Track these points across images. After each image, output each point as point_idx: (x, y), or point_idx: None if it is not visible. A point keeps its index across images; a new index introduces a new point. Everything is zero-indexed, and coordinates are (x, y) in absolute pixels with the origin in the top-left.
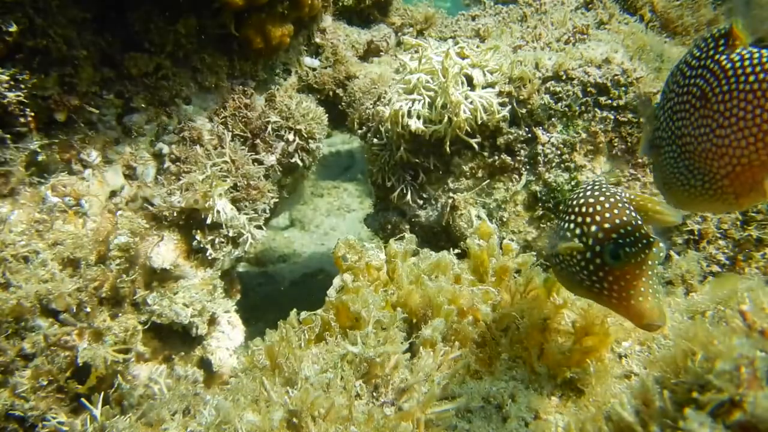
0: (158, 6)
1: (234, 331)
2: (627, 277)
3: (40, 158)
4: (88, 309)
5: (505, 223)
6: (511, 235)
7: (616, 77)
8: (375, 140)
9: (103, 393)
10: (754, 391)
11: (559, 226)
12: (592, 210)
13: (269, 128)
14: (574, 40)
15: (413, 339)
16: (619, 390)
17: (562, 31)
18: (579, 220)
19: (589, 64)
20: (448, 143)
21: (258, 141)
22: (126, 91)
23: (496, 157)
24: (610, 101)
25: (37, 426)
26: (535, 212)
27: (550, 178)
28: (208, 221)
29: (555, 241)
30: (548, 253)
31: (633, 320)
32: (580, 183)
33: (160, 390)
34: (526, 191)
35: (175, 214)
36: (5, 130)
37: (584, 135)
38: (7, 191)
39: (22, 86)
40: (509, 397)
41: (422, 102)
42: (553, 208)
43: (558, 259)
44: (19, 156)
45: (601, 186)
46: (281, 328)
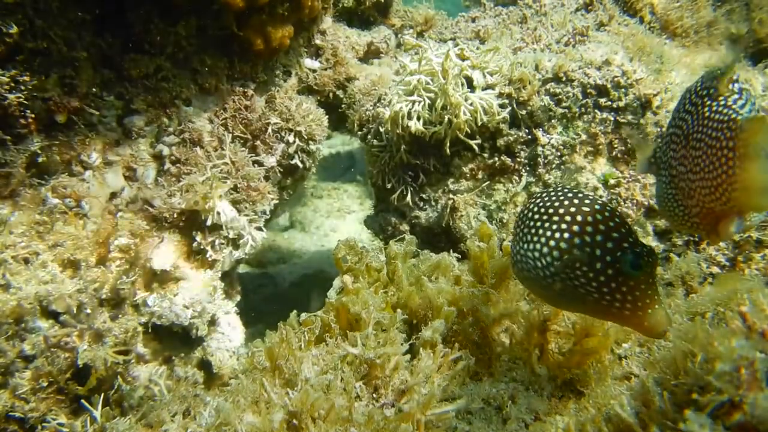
0: (158, 7)
1: (234, 333)
2: (642, 287)
3: (40, 160)
4: (89, 310)
5: (506, 225)
6: (512, 236)
7: (616, 79)
8: (375, 141)
9: (103, 394)
10: (753, 393)
11: (531, 240)
12: (591, 219)
13: (269, 130)
14: (574, 42)
15: (413, 340)
16: (619, 391)
17: (562, 33)
18: (575, 229)
19: (589, 66)
20: (448, 144)
21: (258, 142)
22: (126, 92)
23: (496, 159)
24: (610, 103)
25: (37, 427)
26: None
27: (550, 180)
28: (209, 223)
29: (522, 262)
30: (534, 273)
31: (646, 331)
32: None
33: (160, 391)
34: (526, 193)
35: (176, 215)
36: (6, 132)
37: (584, 136)
38: (7, 193)
39: (22, 88)
40: (509, 398)
41: (422, 103)
42: None
43: (557, 275)
44: (19, 157)
45: (578, 192)
46: (281, 330)
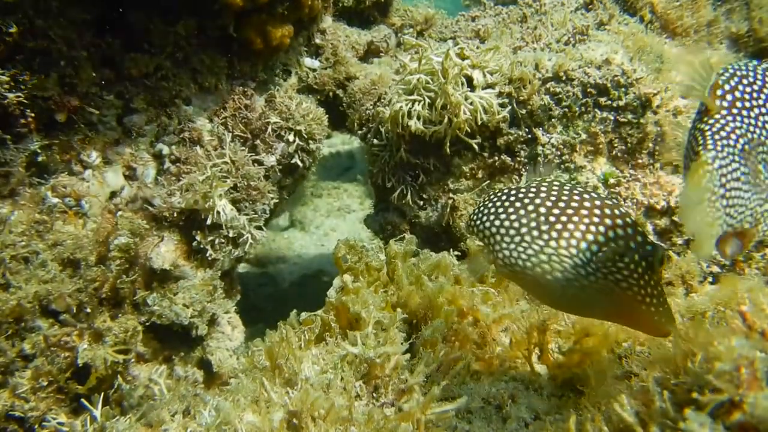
0: (158, 7)
1: (234, 332)
2: (661, 282)
3: (40, 159)
4: (88, 310)
5: None
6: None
7: (616, 78)
8: (375, 141)
9: (103, 393)
10: (754, 392)
11: (556, 238)
12: (618, 212)
13: (269, 129)
14: (574, 41)
15: (413, 339)
16: (619, 391)
17: (562, 32)
18: (608, 222)
19: (589, 65)
20: (448, 144)
21: (258, 142)
22: (126, 91)
23: (496, 158)
24: (610, 102)
25: (37, 427)
26: None
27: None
28: (209, 222)
29: (546, 263)
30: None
31: (655, 329)
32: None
33: (160, 390)
34: None
35: (175, 214)
36: (5, 131)
37: (584, 136)
38: (7, 192)
39: (22, 87)
40: (509, 397)
41: (422, 103)
42: None
43: (598, 271)
44: (19, 156)
45: (577, 188)
46: (281, 329)
